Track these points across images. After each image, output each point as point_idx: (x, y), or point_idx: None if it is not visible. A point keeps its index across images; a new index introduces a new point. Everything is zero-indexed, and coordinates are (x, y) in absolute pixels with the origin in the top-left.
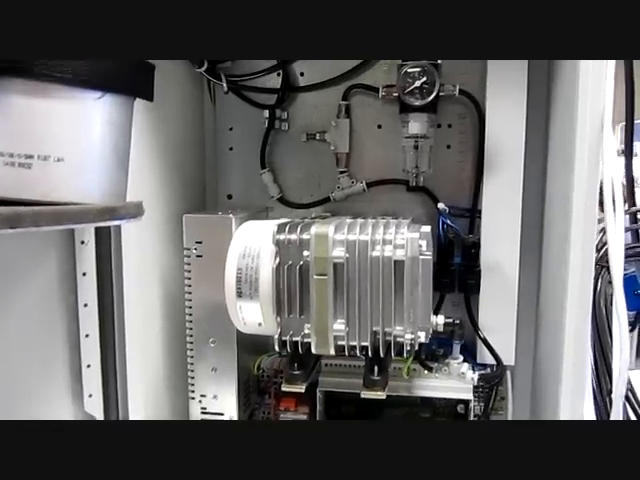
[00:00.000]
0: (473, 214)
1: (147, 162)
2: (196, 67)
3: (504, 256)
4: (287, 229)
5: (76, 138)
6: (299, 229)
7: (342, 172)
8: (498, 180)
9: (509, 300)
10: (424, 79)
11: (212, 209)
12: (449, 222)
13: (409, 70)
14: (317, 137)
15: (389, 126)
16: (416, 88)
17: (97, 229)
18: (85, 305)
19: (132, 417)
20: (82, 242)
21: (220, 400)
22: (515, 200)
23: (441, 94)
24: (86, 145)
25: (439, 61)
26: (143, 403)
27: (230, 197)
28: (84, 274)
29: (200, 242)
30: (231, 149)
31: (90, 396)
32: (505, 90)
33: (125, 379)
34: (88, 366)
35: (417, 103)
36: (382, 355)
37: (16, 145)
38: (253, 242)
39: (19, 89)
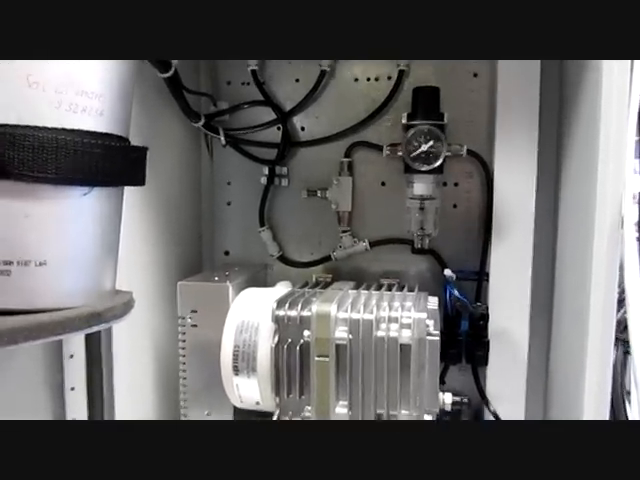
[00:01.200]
0: (481, 277)
1: (139, 220)
2: (193, 121)
3: (513, 323)
4: (287, 305)
5: (60, 239)
6: (300, 305)
7: (344, 231)
8: (507, 243)
9: (519, 370)
10: (430, 143)
11: (208, 268)
12: (456, 293)
13: (415, 131)
14: (318, 194)
15: (393, 183)
16: (422, 152)
17: None
18: (72, 389)
19: None
20: None
21: None
22: (525, 264)
23: (447, 154)
24: (71, 245)
25: (445, 120)
26: None
27: (227, 253)
28: (71, 356)
29: (195, 311)
30: (229, 204)
31: None
32: (514, 150)
33: None
34: None
35: (424, 168)
36: None
37: None
38: (251, 316)
39: None
